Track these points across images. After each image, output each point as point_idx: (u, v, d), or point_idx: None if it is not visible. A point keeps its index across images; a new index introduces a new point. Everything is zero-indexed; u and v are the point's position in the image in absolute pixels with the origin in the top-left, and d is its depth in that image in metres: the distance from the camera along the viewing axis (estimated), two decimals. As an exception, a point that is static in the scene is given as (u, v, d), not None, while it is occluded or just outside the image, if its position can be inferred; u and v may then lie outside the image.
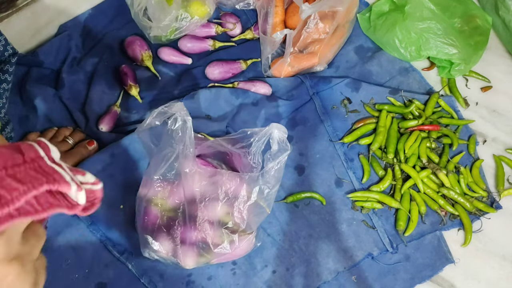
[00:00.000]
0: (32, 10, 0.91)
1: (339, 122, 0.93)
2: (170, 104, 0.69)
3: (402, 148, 0.88)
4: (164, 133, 0.71)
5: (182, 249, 0.73)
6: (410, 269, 0.83)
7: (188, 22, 0.95)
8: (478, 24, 0.98)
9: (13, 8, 0.89)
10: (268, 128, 0.71)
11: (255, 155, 0.74)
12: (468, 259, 0.84)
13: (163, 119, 0.70)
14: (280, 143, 0.70)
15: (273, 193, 0.73)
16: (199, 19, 0.96)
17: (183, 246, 0.73)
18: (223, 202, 0.73)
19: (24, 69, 0.92)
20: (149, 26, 0.93)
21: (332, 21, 0.90)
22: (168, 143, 0.71)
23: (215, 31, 1.00)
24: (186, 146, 0.69)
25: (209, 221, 0.73)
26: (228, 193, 0.73)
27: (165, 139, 0.71)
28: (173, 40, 0.98)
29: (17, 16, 0.89)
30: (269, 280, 0.81)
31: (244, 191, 0.73)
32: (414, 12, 0.95)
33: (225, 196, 0.73)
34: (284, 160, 0.70)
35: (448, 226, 0.86)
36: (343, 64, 1.00)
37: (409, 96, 0.95)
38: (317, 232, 0.84)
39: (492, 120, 0.96)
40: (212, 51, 1.00)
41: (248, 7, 1.04)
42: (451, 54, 0.94)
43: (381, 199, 0.85)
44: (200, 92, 0.91)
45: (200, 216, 0.72)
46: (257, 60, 0.98)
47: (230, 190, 0.73)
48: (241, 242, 0.75)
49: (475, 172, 0.89)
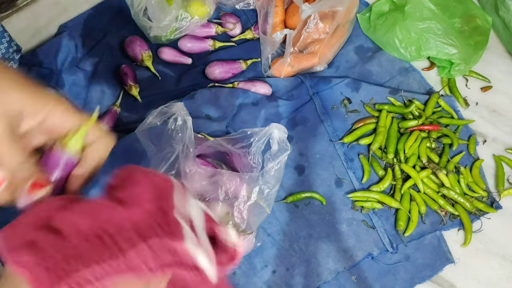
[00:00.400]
0: (32, 10, 0.91)
1: (339, 122, 0.93)
2: (170, 104, 0.69)
3: (402, 148, 0.88)
4: (164, 133, 0.71)
5: None
6: (410, 269, 0.82)
7: (188, 22, 0.95)
8: (478, 24, 0.98)
9: (13, 8, 0.89)
10: (268, 128, 0.71)
11: (255, 155, 0.74)
12: (468, 259, 0.84)
13: (163, 119, 0.70)
14: (280, 143, 0.70)
15: (273, 193, 0.73)
16: (199, 19, 0.96)
17: None
18: (223, 202, 0.73)
19: (24, 69, 0.92)
20: (149, 26, 0.93)
21: (332, 21, 0.90)
22: (168, 143, 0.71)
23: (215, 31, 1.00)
24: (186, 146, 0.69)
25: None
26: (228, 193, 0.73)
27: (165, 139, 0.71)
28: (173, 40, 0.97)
29: (17, 16, 0.90)
30: (269, 280, 0.81)
31: (244, 191, 0.73)
32: (414, 12, 0.95)
33: (225, 196, 0.73)
34: (284, 160, 0.70)
35: (448, 226, 0.86)
36: (343, 64, 1.00)
37: (409, 96, 0.95)
38: (317, 232, 0.84)
39: (492, 120, 0.96)
40: (212, 51, 1.00)
41: (248, 7, 1.04)
42: (451, 54, 0.94)
43: (381, 199, 0.85)
44: (199, 92, 0.91)
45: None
46: (257, 60, 0.98)
47: (230, 190, 0.73)
48: None
49: (475, 172, 0.89)
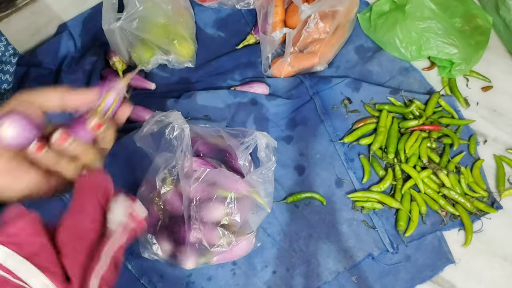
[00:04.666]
0: (32, 9, 0.91)
1: (339, 122, 0.93)
2: (167, 113, 0.69)
3: (402, 148, 0.88)
4: (163, 139, 0.71)
5: (182, 250, 0.73)
6: (411, 270, 0.82)
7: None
8: (478, 23, 0.98)
9: (13, 7, 0.89)
10: (254, 135, 0.71)
11: (248, 155, 0.74)
12: (468, 260, 0.84)
13: (160, 126, 0.70)
14: (267, 154, 0.71)
15: (272, 192, 0.73)
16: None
17: (183, 247, 0.73)
18: (222, 202, 0.73)
19: (23, 69, 0.92)
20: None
21: (333, 20, 0.90)
22: (167, 149, 0.71)
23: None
24: (185, 152, 0.69)
25: (209, 222, 0.73)
26: (227, 192, 0.73)
27: (164, 144, 0.71)
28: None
29: (16, 16, 0.89)
30: (269, 280, 0.81)
31: (244, 191, 0.73)
32: (415, 12, 0.95)
33: (225, 196, 0.73)
34: (271, 168, 0.71)
35: (448, 226, 0.86)
36: (344, 64, 1.00)
37: (409, 96, 0.95)
38: (317, 232, 0.84)
39: (493, 120, 0.96)
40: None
41: (248, 7, 1.03)
42: (452, 54, 0.94)
43: (381, 199, 0.85)
44: (197, 93, 0.91)
45: (199, 217, 0.72)
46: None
47: (229, 190, 0.73)
48: (241, 242, 0.75)
49: (475, 172, 0.89)
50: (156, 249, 0.74)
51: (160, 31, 0.88)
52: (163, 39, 0.90)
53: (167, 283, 0.79)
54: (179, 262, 0.74)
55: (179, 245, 0.73)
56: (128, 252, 0.80)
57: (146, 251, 0.75)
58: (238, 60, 0.98)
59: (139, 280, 0.79)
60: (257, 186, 0.72)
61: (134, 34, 0.86)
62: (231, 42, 1.02)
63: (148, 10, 0.82)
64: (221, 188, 0.73)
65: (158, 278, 0.79)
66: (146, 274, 0.79)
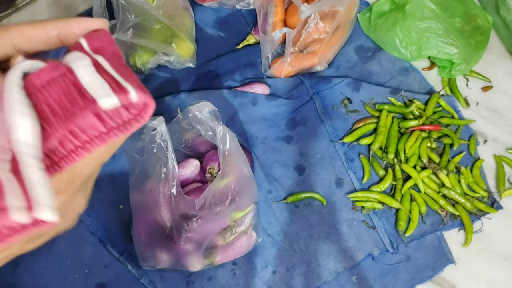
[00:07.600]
0: (32, 9, 0.91)
1: (339, 122, 0.93)
2: (151, 118, 0.69)
3: (402, 148, 0.88)
4: (148, 146, 0.71)
5: (186, 255, 0.73)
6: (411, 270, 0.82)
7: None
8: (478, 23, 0.98)
9: (13, 7, 0.89)
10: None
11: None
12: (468, 260, 0.84)
13: (148, 132, 0.70)
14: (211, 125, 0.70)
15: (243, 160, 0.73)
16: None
17: (186, 253, 0.72)
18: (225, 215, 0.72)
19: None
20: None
21: (333, 20, 0.90)
22: (153, 155, 0.71)
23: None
24: (170, 159, 0.68)
25: (209, 222, 0.72)
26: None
27: (150, 151, 0.71)
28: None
29: (16, 16, 0.89)
30: (269, 280, 0.81)
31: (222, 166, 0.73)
32: (415, 12, 0.95)
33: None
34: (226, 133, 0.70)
35: (448, 226, 0.86)
36: (344, 64, 1.00)
37: (409, 96, 0.95)
38: (317, 232, 0.84)
39: (493, 120, 0.96)
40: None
41: (248, 7, 1.03)
42: (452, 54, 0.94)
43: (381, 199, 0.85)
44: (197, 93, 0.91)
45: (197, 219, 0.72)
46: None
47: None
48: (242, 238, 0.74)
49: (475, 172, 0.89)
50: (156, 262, 0.73)
51: (156, 36, 0.89)
52: (160, 43, 0.90)
53: (167, 283, 0.79)
54: (183, 266, 0.74)
55: (182, 253, 0.72)
56: (128, 252, 0.80)
57: (146, 264, 0.74)
58: (238, 60, 0.98)
59: (139, 280, 0.79)
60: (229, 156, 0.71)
61: (131, 42, 0.86)
62: (231, 42, 1.02)
63: (140, 18, 0.83)
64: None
65: (158, 278, 0.79)
66: (146, 274, 0.79)
